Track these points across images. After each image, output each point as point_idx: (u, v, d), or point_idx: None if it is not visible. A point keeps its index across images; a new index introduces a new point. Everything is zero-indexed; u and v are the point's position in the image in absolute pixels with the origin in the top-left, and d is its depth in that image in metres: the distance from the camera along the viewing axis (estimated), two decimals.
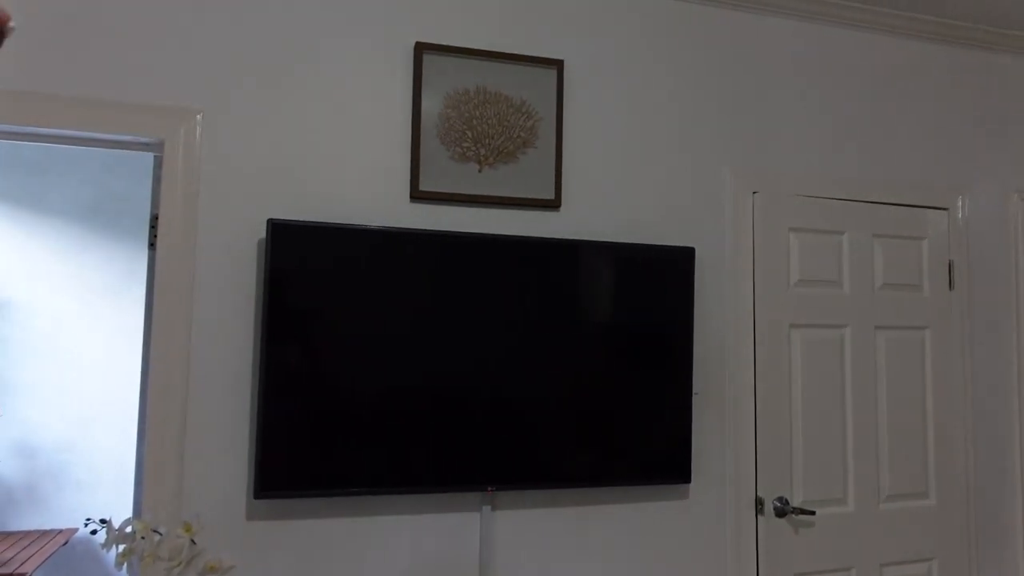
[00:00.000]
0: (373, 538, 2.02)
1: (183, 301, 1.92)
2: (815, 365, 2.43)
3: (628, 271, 2.19)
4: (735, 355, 2.38)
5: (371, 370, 1.96)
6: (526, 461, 2.07)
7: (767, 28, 2.52)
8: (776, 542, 2.34)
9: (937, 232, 2.64)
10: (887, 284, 2.55)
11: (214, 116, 1.98)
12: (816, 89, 2.57)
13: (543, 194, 2.21)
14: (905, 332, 2.57)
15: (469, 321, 2.04)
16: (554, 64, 2.24)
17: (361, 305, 1.97)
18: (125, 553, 1.56)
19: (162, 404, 1.89)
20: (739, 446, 2.36)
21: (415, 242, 2.02)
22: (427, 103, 2.12)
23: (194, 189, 1.95)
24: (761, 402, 2.36)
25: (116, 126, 1.91)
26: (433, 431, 2.00)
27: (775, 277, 2.41)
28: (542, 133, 2.22)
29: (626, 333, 2.18)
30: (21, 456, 3.31)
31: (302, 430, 1.91)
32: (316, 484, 1.91)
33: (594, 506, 2.21)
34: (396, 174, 2.11)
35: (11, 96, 1.84)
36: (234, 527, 1.92)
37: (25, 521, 3.29)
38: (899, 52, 2.68)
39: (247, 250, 1.98)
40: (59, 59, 1.88)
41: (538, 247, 2.11)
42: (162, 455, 1.88)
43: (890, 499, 2.50)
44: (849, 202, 2.53)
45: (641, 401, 2.18)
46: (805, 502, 2.38)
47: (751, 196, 2.44)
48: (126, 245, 3.51)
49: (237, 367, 1.96)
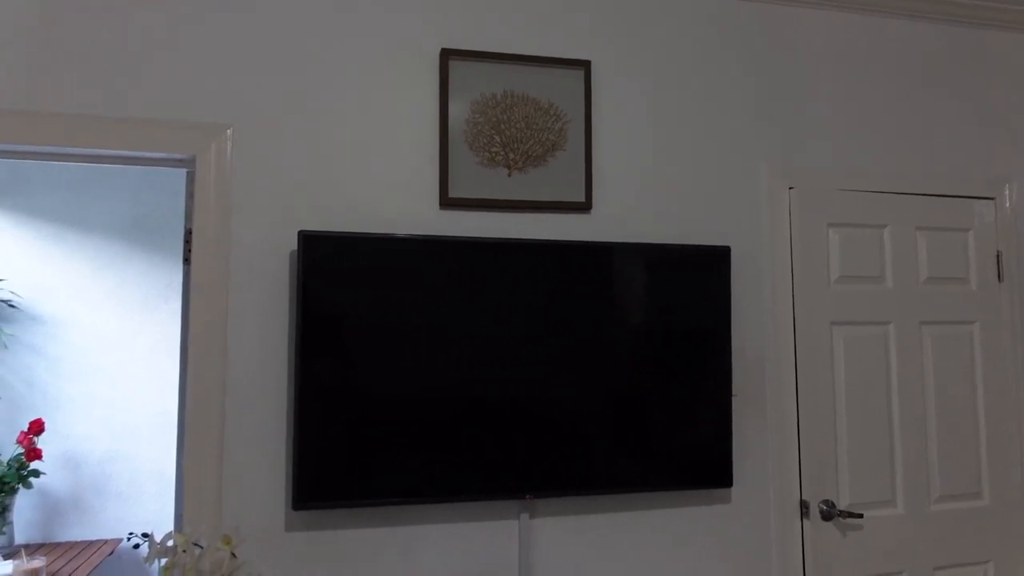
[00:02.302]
0: (411, 547, 2.01)
1: (218, 314, 1.93)
2: (859, 363, 2.36)
3: (663, 272, 2.15)
4: (775, 355, 2.32)
5: (405, 379, 1.96)
6: (564, 468, 2.04)
7: (799, 19, 2.46)
8: (823, 546, 2.27)
9: (983, 223, 2.55)
10: (932, 278, 2.47)
11: (244, 131, 2.00)
12: (852, 79, 2.50)
13: (574, 197, 2.19)
14: (952, 327, 2.49)
15: (503, 327, 2.03)
16: (581, 65, 2.21)
17: (394, 314, 1.96)
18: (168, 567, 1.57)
19: (200, 417, 1.91)
20: (782, 448, 2.30)
21: (446, 249, 2.00)
22: (454, 109, 2.11)
23: (226, 203, 1.96)
24: (803, 403, 2.30)
25: (149, 144, 1.94)
26: (469, 439, 1.99)
27: (815, 274, 2.35)
28: (571, 135, 2.19)
29: (662, 335, 2.14)
30: (67, 468, 3.38)
31: (338, 440, 1.90)
32: (354, 494, 1.91)
33: (634, 512, 2.18)
34: (425, 182, 2.10)
35: (49, 117, 1.88)
36: (273, 538, 1.93)
37: (72, 532, 3.36)
38: (937, 38, 2.60)
39: (279, 262, 1.99)
40: (93, 80, 1.91)
41: (570, 251, 2.09)
42: (201, 467, 1.90)
43: (941, 500, 2.42)
44: (890, 195, 2.46)
45: (679, 404, 2.14)
46: (852, 504, 2.31)
47: (787, 192, 2.38)
48: (163, 260, 3.57)
49: (272, 378, 1.96)
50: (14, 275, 3.41)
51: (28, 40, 1.89)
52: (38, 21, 1.90)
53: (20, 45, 1.88)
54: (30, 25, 1.89)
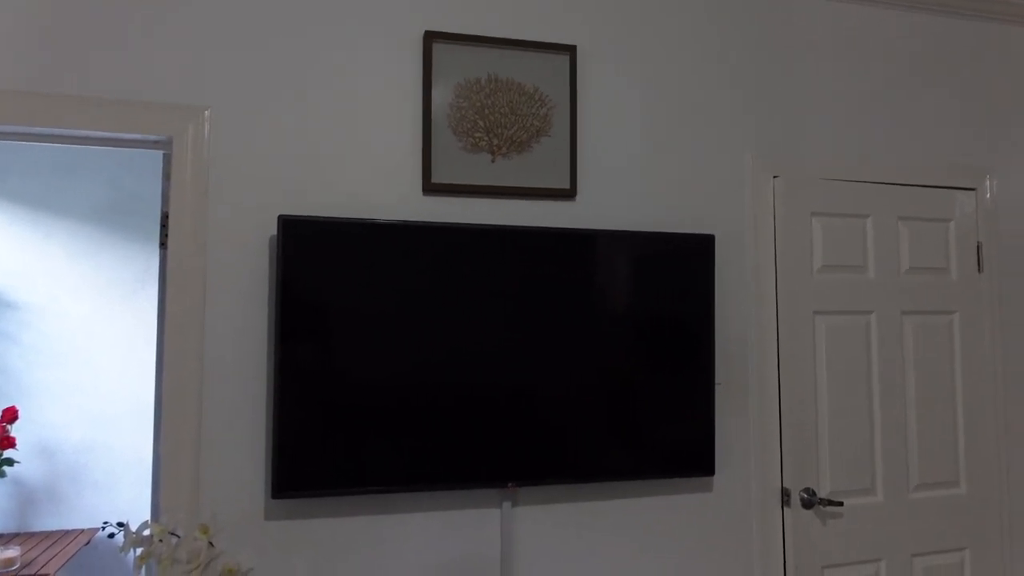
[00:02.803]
0: (393, 536, 2.00)
1: (195, 300, 1.89)
2: (840, 352, 2.37)
3: (647, 260, 2.14)
4: (758, 344, 2.32)
5: (387, 366, 1.93)
6: (546, 456, 2.03)
7: (786, 8, 2.45)
8: (803, 534, 2.29)
9: (964, 213, 2.57)
10: (913, 268, 2.49)
11: (222, 112, 1.95)
12: (837, 69, 2.50)
13: (558, 183, 2.17)
14: (933, 317, 2.50)
15: (485, 314, 2.01)
16: (567, 50, 2.19)
17: (375, 300, 1.93)
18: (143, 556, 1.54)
19: (177, 404, 1.87)
20: (764, 437, 2.31)
21: (428, 235, 1.98)
22: (437, 93, 2.08)
23: (203, 186, 1.92)
24: (785, 391, 2.31)
25: (124, 125, 1.89)
26: (451, 427, 1.97)
27: (798, 263, 2.35)
28: (556, 121, 2.17)
29: (646, 323, 2.13)
30: (41, 457, 3.32)
31: (319, 428, 1.88)
32: (334, 483, 1.88)
33: (616, 500, 2.18)
34: (408, 166, 2.07)
35: (19, 96, 1.82)
36: (252, 527, 1.91)
37: (47, 522, 3.31)
38: (922, 29, 2.60)
39: (258, 247, 1.95)
40: (67, 59, 1.86)
41: (554, 238, 2.07)
42: (178, 455, 1.87)
43: (920, 488, 2.44)
44: (873, 184, 2.46)
45: (662, 392, 2.13)
46: (833, 493, 2.33)
47: (771, 180, 2.38)
48: (140, 245, 3.50)
49: (251, 365, 1.93)
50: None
51: (2, 20, 1.83)
52: (13, 2, 1.84)
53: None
54: (3, 5, 1.83)
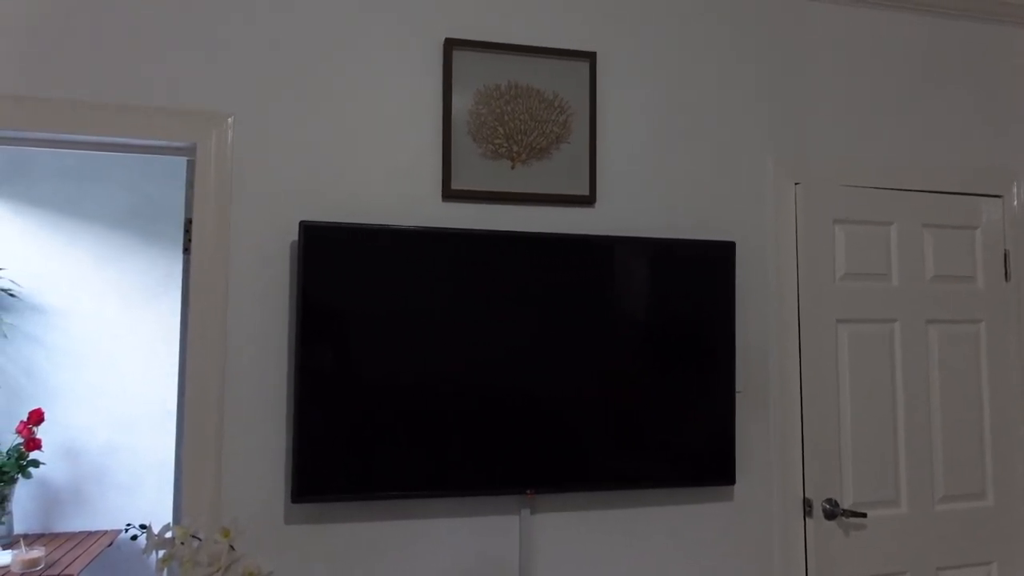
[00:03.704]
0: (411, 541, 2.00)
1: (217, 305, 1.91)
2: (864, 361, 2.34)
3: (667, 267, 2.13)
4: (779, 352, 2.30)
5: (406, 372, 1.94)
6: (565, 463, 2.02)
7: (806, 13, 2.43)
8: (826, 545, 2.26)
9: (991, 220, 2.53)
10: (938, 276, 2.45)
11: (245, 119, 1.97)
12: (860, 74, 2.47)
13: (577, 190, 2.17)
14: (958, 326, 2.46)
15: (505, 321, 2.01)
16: (586, 56, 2.19)
17: (395, 306, 1.94)
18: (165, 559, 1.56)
19: (199, 408, 1.89)
20: (785, 446, 2.28)
21: (448, 241, 1.98)
22: (458, 100, 2.09)
23: (226, 192, 1.94)
24: (808, 400, 2.28)
25: (149, 131, 1.91)
26: (470, 433, 1.97)
27: (820, 270, 2.33)
28: (575, 127, 2.17)
29: (666, 330, 2.12)
30: (66, 459, 3.37)
31: (338, 433, 1.89)
32: (353, 488, 1.89)
33: (636, 508, 2.16)
34: (428, 173, 2.08)
35: (50, 104, 1.86)
36: (272, 531, 1.92)
37: (71, 523, 3.35)
38: (947, 33, 2.57)
39: (280, 252, 1.97)
40: (92, 66, 1.89)
41: (573, 244, 2.07)
42: (200, 459, 1.88)
43: (945, 500, 2.40)
44: (897, 191, 2.43)
45: (682, 400, 2.12)
46: (856, 504, 2.29)
47: (793, 187, 2.36)
48: (163, 250, 3.55)
49: (272, 370, 1.95)
50: (14, 264, 3.39)
51: (29, 26, 1.86)
52: (39, 8, 1.87)
53: (21, 31, 1.86)
54: (31, 12, 1.87)
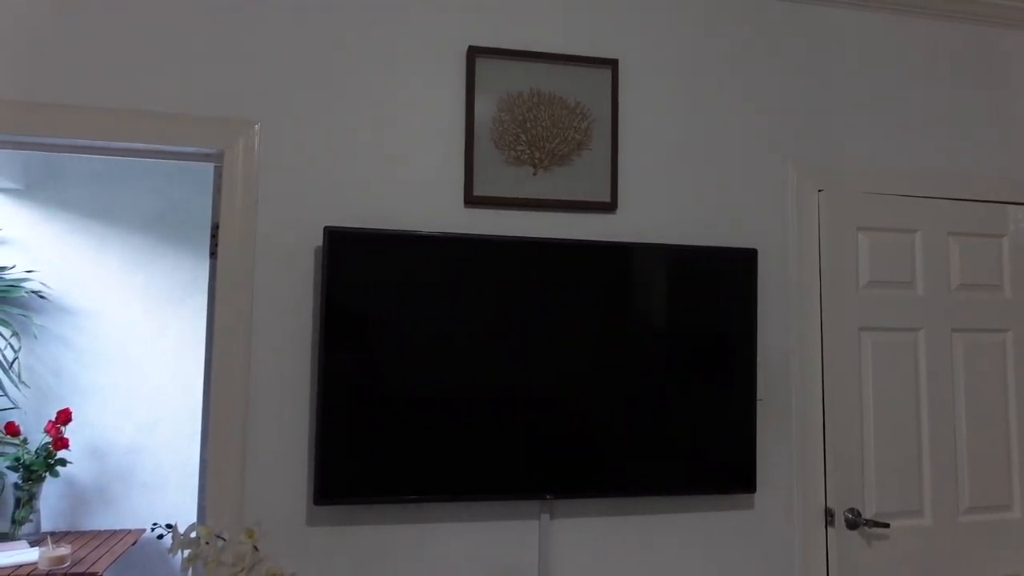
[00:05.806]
0: (432, 544, 2.01)
1: (243, 309, 1.94)
2: (887, 370, 2.32)
3: (688, 274, 2.13)
4: (801, 360, 2.29)
5: (429, 377, 1.95)
6: (585, 469, 2.03)
7: (829, 19, 2.42)
8: (847, 556, 2.24)
9: (1018, 228, 2.50)
10: (964, 285, 2.42)
11: (271, 126, 2.01)
12: (883, 80, 2.46)
13: (599, 196, 2.17)
14: (984, 335, 2.43)
15: (526, 327, 2.02)
16: (608, 64, 2.20)
17: (417, 311, 1.96)
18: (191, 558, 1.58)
19: (224, 410, 1.92)
20: (807, 455, 2.27)
21: (470, 247, 2.00)
22: (480, 107, 2.11)
23: (252, 198, 1.98)
24: (830, 409, 2.27)
25: (178, 138, 1.95)
26: (491, 438, 1.98)
27: (843, 278, 2.31)
28: (597, 134, 2.18)
29: (687, 337, 2.12)
30: (93, 458, 3.43)
31: (361, 437, 1.91)
32: (375, 491, 1.91)
33: (655, 515, 2.16)
34: (450, 179, 2.10)
35: (80, 111, 1.90)
36: (295, 533, 1.94)
37: (97, 521, 3.41)
38: (971, 39, 2.54)
39: (304, 257, 2.00)
40: (124, 75, 1.93)
41: (595, 251, 2.07)
42: (224, 460, 1.91)
43: (970, 511, 2.37)
44: (921, 199, 2.41)
45: (703, 408, 2.11)
46: (879, 514, 2.27)
47: (816, 194, 2.35)
48: (189, 254, 3.61)
49: (296, 374, 1.97)
50: (45, 267, 3.46)
51: (59, 33, 1.91)
52: (69, 14, 1.92)
53: (51, 38, 1.91)
54: (61, 18, 1.92)
